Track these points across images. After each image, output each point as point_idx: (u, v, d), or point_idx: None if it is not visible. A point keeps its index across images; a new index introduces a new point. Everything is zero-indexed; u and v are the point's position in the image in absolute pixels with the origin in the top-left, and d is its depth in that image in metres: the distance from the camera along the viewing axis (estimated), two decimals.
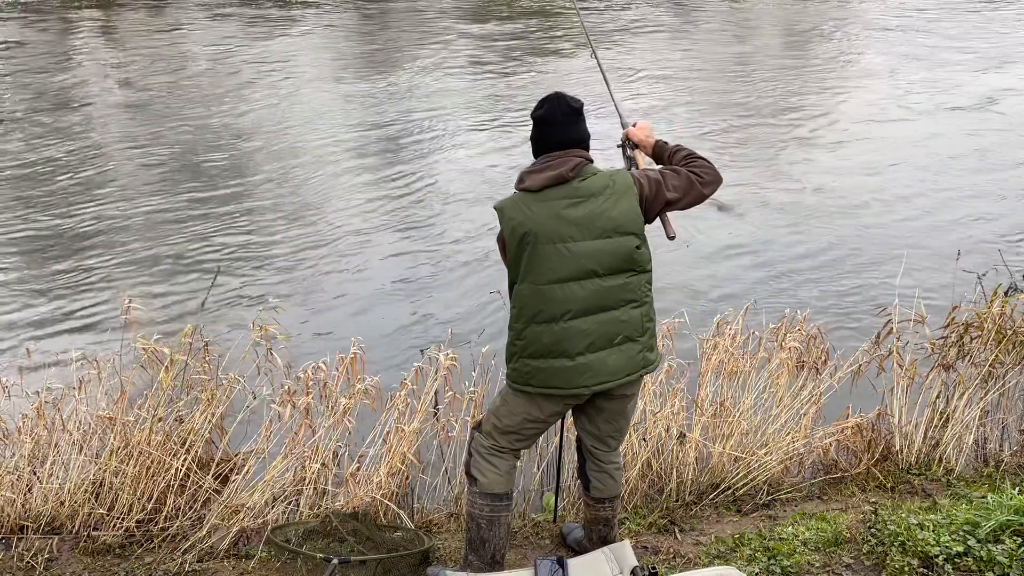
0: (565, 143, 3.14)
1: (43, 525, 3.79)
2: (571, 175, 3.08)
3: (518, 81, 12.99)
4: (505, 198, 3.20)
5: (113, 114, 11.52)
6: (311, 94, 12.46)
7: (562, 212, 3.06)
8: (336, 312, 6.62)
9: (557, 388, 3.14)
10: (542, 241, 3.06)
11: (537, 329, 3.11)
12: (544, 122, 3.17)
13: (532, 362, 3.15)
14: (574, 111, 3.16)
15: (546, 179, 3.08)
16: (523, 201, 3.11)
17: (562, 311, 3.08)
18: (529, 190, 3.10)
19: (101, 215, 8.29)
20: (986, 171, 9.42)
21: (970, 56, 14.49)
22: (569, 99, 3.18)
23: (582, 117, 3.19)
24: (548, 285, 3.08)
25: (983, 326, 4.74)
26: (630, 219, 3.09)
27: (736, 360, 4.44)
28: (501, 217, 3.14)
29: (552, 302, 3.08)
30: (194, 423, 4.03)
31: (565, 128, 3.15)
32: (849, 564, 3.52)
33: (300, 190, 8.95)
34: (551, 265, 3.06)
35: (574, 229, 3.05)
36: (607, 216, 3.07)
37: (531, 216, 3.07)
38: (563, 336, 3.09)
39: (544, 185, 3.08)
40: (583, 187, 3.08)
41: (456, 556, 3.67)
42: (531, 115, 3.22)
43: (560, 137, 3.14)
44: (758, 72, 13.70)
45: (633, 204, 3.10)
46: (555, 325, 3.09)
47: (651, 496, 4.16)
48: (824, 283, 7.03)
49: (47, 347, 6.00)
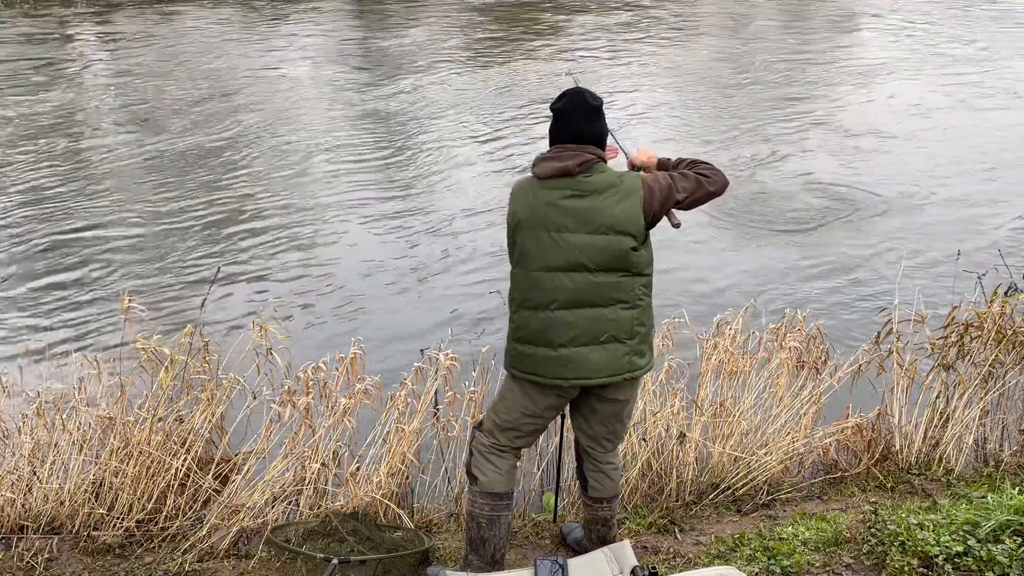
0: (579, 137, 3.17)
1: (43, 525, 3.79)
2: (577, 170, 3.11)
3: (519, 82, 12.99)
4: (520, 180, 3.27)
5: (112, 114, 11.52)
6: (312, 94, 12.47)
7: (561, 202, 3.10)
8: (336, 312, 6.62)
9: (540, 376, 3.18)
10: (537, 228, 3.11)
11: (526, 314, 3.18)
12: (562, 114, 3.20)
13: (520, 346, 3.21)
14: (592, 108, 3.19)
15: (552, 169, 3.13)
16: (530, 186, 3.18)
17: (549, 299, 3.13)
18: (538, 176, 3.16)
19: (101, 215, 8.29)
20: (986, 171, 9.42)
21: (970, 56, 14.49)
22: (589, 95, 3.21)
23: (600, 114, 3.22)
24: (539, 272, 3.13)
25: (983, 326, 4.74)
26: (629, 220, 3.11)
27: (736, 360, 4.44)
28: (510, 199, 3.22)
29: (541, 289, 3.13)
30: (194, 423, 4.04)
31: (581, 123, 3.18)
32: (849, 564, 3.52)
33: (300, 190, 8.95)
34: (543, 252, 3.11)
35: (570, 220, 3.09)
36: (606, 213, 3.09)
37: (532, 202, 3.13)
38: (548, 324, 3.13)
39: (550, 175, 3.13)
40: (588, 183, 3.12)
41: (456, 556, 3.67)
42: (550, 106, 3.25)
43: (575, 131, 3.17)
44: (758, 73, 13.70)
45: (636, 206, 3.12)
46: (541, 313, 3.14)
47: (651, 496, 4.16)
48: (824, 283, 7.03)
49: (47, 347, 5.99)
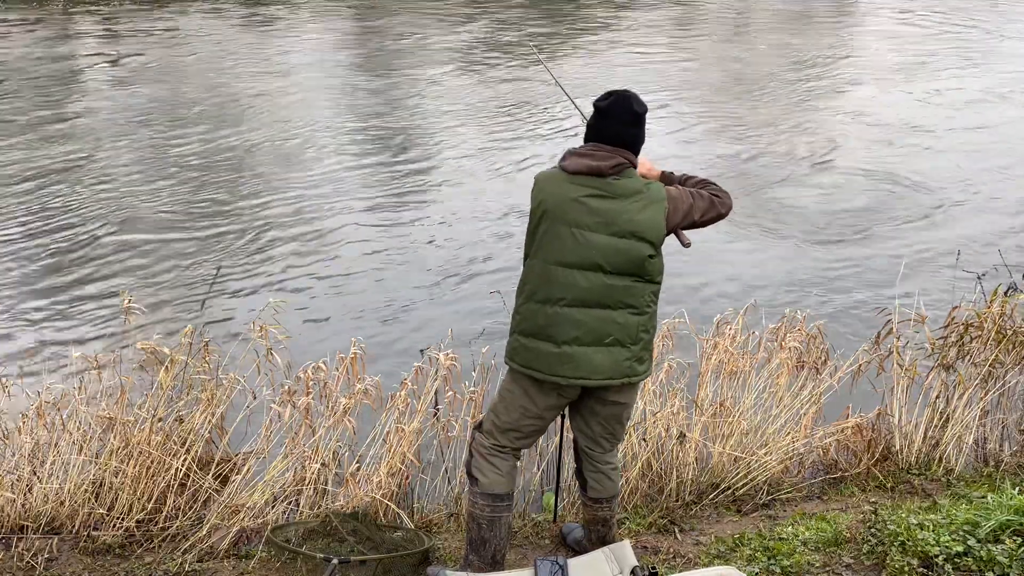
0: (617, 140, 3.15)
1: (43, 525, 3.79)
2: (609, 172, 3.11)
3: (519, 81, 12.99)
4: (546, 169, 3.25)
5: (112, 113, 11.51)
6: (312, 94, 12.46)
7: (586, 200, 3.10)
8: (336, 312, 6.62)
9: (538, 371, 3.18)
10: (560, 221, 3.11)
11: (533, 307, 3.17)
12: (604, 114, 3.19)
13: (522, 339, 3.20)
14: (636, 114, 3.18)
15: (584, 167, 3.12)
16: (557, 179, 3.17)
17: (559, 295, 3.12)
18: (566, 170, 3.15)
19: (100, 215, 8.28)
20: (985, 171, 9.42)
21: (970, 55, 14.48)
22: (635, 100, 3.19)
23: (642, 121, 3.20)
24: (555, 266, 3.12)
25: (983, 326, 4.75)
26: (651, 228, 3.12)
27: (736, 360, 4.44)
28: (534, 187, 3.21)
29: (553, 284, 3.12)
30: (194, 423, 4.03)
31: (622, 126, 3.16)
32: (849, 564, 3.52)
33: (300, 190, 8.94)
34: (562, 247, 3.11)
35: (593, 220, 3.09)
36: (629, 218, 3.10)
37: (558, 195, 3.13)
38: (554, 320, 3.13)
39: (580, 171, 3.12)
40: (616, 185, 3.12)
41: (456, 556, 3.67)
42: (594, 102, 3.23)
43: (614, 133, 3.16)
44: (758, 73, 13.69)
45: (659, 215, 3.14)
46: (549, 307, 3.13)
47: (651, 496, 4.16)
48: (824, 283, 7.03)
49: (47, 347, 5.99)
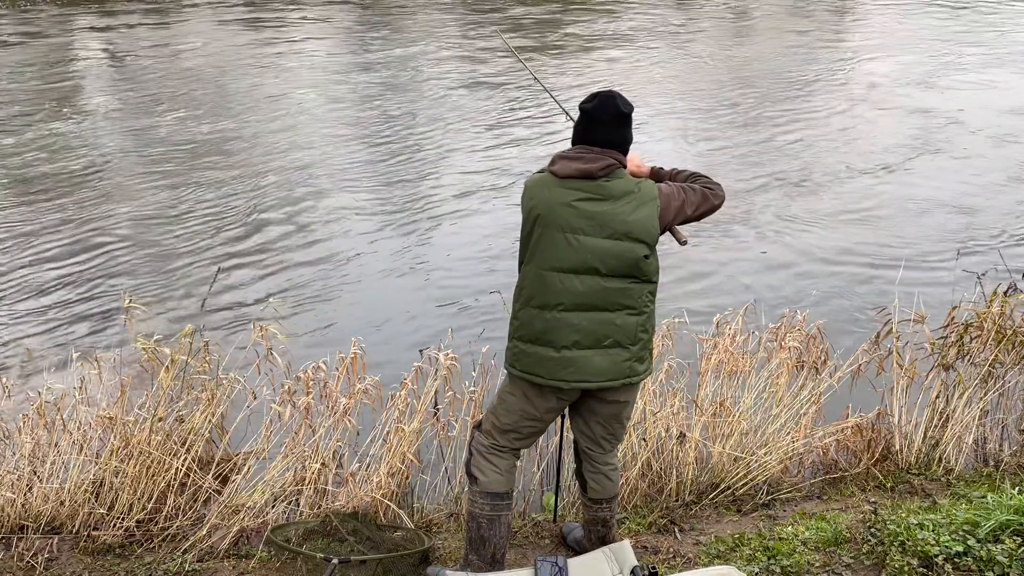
0: (605, 141, 3.14)
1: (43, 525, 3.79)
2: (599, 174, 3.09)
3: (518, 82, 12.99)
4: (535, 174, 3.23)
5: (112, 113, 11.52)
6: (312, 94, 12.47)
7: (578, 204, 3.08)
8: (336, 312, 6.62)
9: (538, 376, 3.17)
10: (553, 227, 3.09)
11: (531, 313, 3.16)
12: (590, 116, 3.17)
13: (521, 345, 3.20)
14: (622, 114, 3.16)
15: (574, 170, 3.10)
16: (547, 183, 3.14)
17: (556, 301, 3.11)
18: (555, 174, 3.13)
19: (101, 215, 8.29)
20: (985, 171, 9.42)
21: (970, 54, 14.48)
22: (621, 101, 3.17)
23: (629, 121, 3.19)
24: (550, 272, 3.11)
25: (983, 326, 4.75)
26: (645, 228, 3.11)
27: (736, 360, 4.44)
28: (524, 193, 3.19)
29: (549, 289, 3.12)
30: (194, 423, 4.04)
31: (609, 128, 3.15)
32: (849, 564, 3.52)
33: (300, 190, 8.95)
34: (556, 252, 3.09)
35: (586, 223, 3.08)
36: (622, 219, 3.09)
37: (549, 200, 3.10)
38: (553, 325, 3.12)
39: (570, 175, 3.10)
40: (607, 187, 3.10)
41: (456, 556, 3.67)
42: (580, 104, 3.22)
43: (601, 135, 3.15)
44: (758, 74, 13.70)
45: (652, 214, 3.12)
46: (547, 313, 3.13)
47: (651, 496, 4.16)
48: (824, 283, 7.03)
49: (47, 347, 6.00)
